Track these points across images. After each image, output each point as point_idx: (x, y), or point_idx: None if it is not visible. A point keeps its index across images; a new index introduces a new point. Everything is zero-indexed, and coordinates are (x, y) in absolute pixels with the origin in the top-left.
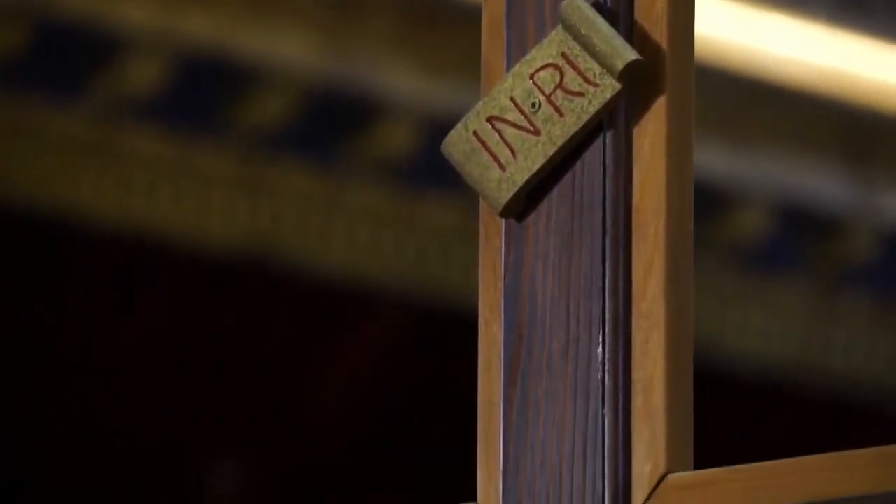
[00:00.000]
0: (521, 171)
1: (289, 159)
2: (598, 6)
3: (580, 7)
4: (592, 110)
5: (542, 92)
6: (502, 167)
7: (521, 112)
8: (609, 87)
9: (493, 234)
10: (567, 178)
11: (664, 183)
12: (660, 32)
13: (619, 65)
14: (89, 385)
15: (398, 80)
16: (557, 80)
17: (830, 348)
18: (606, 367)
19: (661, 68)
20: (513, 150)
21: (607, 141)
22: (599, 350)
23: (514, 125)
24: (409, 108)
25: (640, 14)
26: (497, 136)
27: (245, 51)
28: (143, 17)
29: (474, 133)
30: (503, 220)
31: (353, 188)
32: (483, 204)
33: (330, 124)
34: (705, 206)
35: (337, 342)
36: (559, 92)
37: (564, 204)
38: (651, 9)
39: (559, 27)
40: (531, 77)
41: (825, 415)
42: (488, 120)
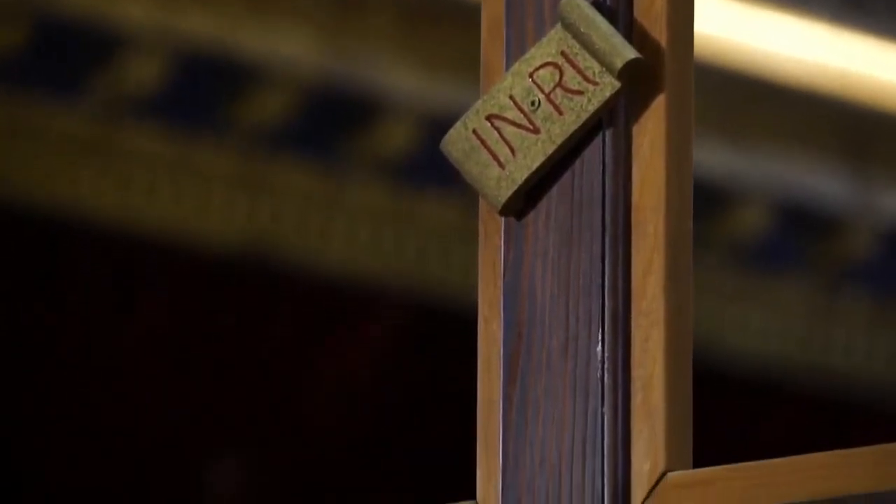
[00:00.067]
0: (521, 169)
1: (289, 158)
2: (597, 4)
3: (579, 5)
4: (592, 109)
5: (542, 90)
6: (502, 165)
7: (521, 110)
8: (608, 86)
9: (493, 232)
10: (566, 177)
11: (664, 181)
12: (659, 31)
13: (619, 63)
14: (89, 385)
15: (398, 79)
16: (557, 78)
17: (830, 346)
18: (606, 365)
19: (660, 67)
20: (512, 149)
21: (607, 139)
22: (599, 348)
23: (514, 123)
24: (408, 107)
25: (639, 12)
26: (496, 134)
27: (245, 49)
28: (142, 15)
29: (474, 131)
30: (502, 218)
31: (352, 187)
32: (482, 202)
33: (330, 123)
34: (705, 205)
35: (337, 341)
36: (558, 90)
37: (564, 202)
38: (650, 7)
39: (558, 25)
40: (530, 75)
41: (825, 413)
42: (488, 118)
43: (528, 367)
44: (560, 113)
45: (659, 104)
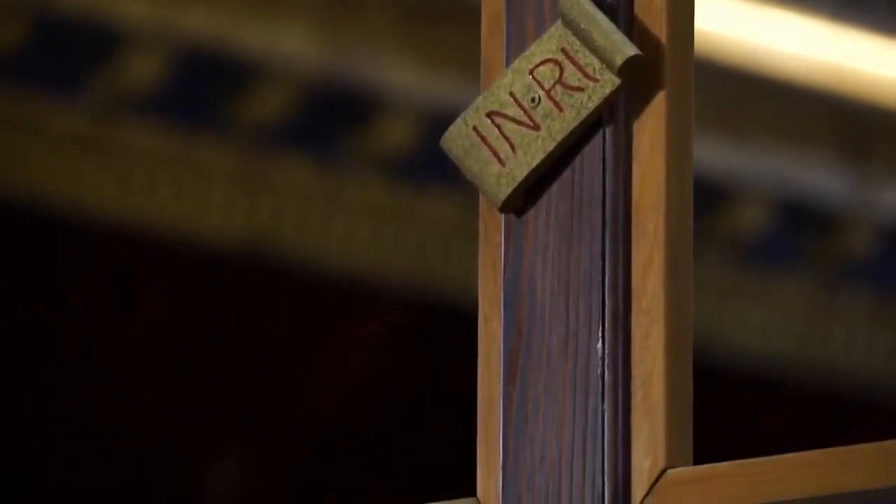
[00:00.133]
0: (521, 166)
1: (289, 155)
2: (597, 1)
3: (579, 2)
4: (592, 105)
5: (542, 87)
6: (502, 162)
7: (521, 107)
8: (609, 83)
9: (493, 229)
10: (567, 174)
11: (664, 178)
12: (659, 27)
13: (619, 60)
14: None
15: (398, 76)
16: (557, 75)
17: (830, 343)
18: (606, 362)
19: (660, 63)
20: (512, 146)
21: (607, 136)
22: (599, 345)
23: (514, 120)
24: (408, 104)
25: (639, 9)
26: (496, 131)
27: (245, 46)
28: (142, 12)
29: (474, 128)
30: (503, 215)
31: (352, 184)
32: (482, 199)
33: (330, 120)
34: (705, 202)
35: (337, 340)
36: (559, 87)
37: (564, 199)
38: (651, 4)
39: (559, 22)
40: (531, 72)
41: (825, 410)
42: (488, 115)
43: (528, 365)
44: (560, 110)
45: (659, 101)
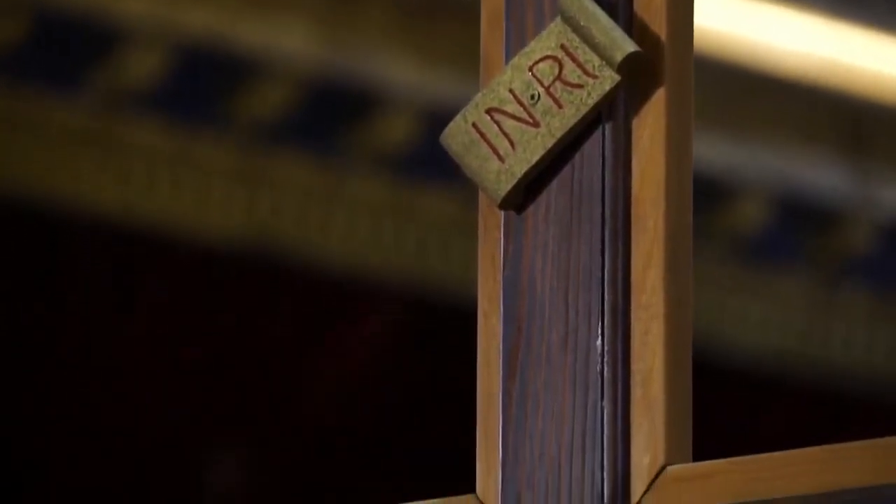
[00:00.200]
0: (520, 162)
1: (288, 152)
2: None
3: None
4: (591, 102)
5: (542, 84)
6: (501, 159)
7: (521, 104)
8: (608, 79)
9: (493, 225)
10: (566, 170)
11: (663, 175)
12: (659, 24)
13: (619, 56)
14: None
15: (397, 72)
16: (556, 71)
17: (830, 340)
18: (605, 358)
19: (660, 60)
20: (512, 142)
21: (606, 133)
22: (598, 342)
23: (513, 117)
24: (408, 100)
25: (639, 6)
26: (496, 127)
27: (244, 42)
28: (142, 8)
29: (473, 125)
30: (502, 211)
31: (352, 180)
32: (482, 196)
33: (329, 116)
34: (705, 198)
35: (337, 337)
36: (558, 84)
37: (563, 195)
38: (650, 1)
39: (558, 19)
40: (530, 69)
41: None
42: (487, 112)
43: (527, 361)
44: (560, 106)
45: (659, 98)
